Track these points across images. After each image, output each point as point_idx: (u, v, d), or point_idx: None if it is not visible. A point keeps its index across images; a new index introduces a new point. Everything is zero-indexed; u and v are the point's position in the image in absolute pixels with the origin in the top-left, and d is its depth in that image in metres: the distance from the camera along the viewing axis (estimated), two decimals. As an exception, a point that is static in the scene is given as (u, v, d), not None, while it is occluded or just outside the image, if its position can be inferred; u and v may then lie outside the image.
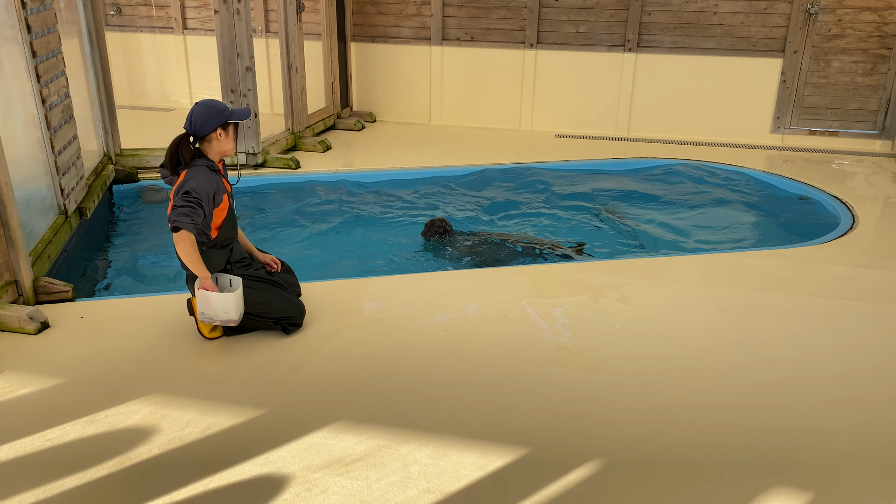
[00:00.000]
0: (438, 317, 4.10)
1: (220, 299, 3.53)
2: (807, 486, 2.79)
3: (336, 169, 7.14)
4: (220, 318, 3.59)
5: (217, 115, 3.54)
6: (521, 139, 8.55)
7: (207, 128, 3.54)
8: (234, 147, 3.68)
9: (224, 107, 3.59)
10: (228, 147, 3.65)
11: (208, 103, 3.57)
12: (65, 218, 5.02)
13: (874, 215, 6.02)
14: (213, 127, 3.55)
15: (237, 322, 3.63)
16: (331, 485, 2.76)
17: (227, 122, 3.59)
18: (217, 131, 3.57)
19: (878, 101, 8.09)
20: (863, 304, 4.37)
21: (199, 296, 3.54)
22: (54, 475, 2.79)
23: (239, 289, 3.59)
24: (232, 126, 3.63)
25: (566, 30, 8.56)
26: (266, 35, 9.18)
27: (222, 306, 3.55)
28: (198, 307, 3.59)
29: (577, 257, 5.26)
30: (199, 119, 3.53)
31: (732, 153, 8.00)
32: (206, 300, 3.54)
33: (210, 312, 3.57)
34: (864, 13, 7.83)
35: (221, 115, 3.55)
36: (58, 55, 5.03)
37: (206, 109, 3.54)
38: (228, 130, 3.61)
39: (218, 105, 3.58)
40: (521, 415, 3.22)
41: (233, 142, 3.66)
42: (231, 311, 3.56)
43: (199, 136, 3.57)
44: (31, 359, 3.61)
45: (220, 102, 3.61)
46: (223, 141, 3.61)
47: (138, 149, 6.75)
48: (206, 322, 3.65)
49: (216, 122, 3.54)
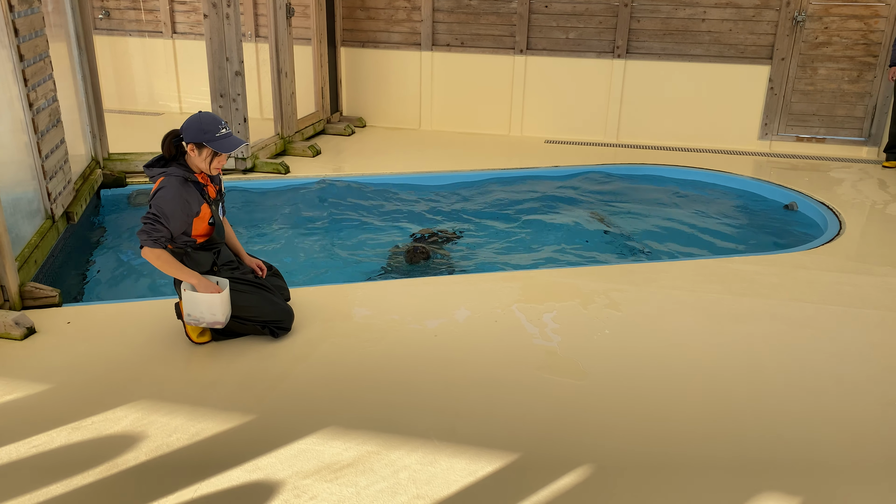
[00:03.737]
0: (428, 322, 4.10)
1: (207, 300, 3.52)
2: (796, 491, 2.81)
3: (325, 174, 7.13)
4: (207, 319, 3.58)
5: (198, 132, 3.50)
6: (511, 145, 8.57)
7: (187, 137, 3.53)
8: (207, 167, 3.61)
9: (213, 128, 3.50)
10: (201, 165, 3.59)
11: (202, 118, 3.52)
12: (52, 222, 4.98)
13: (861, 221, 6.07)
14: (188, 141, 3.53)
15: (223, 324, 3.61)
16: (320, 491, 2.74)
17: (203, 144, 3.53)
18: (190, 145, 3.54)
19: (865, 109, 8.16)
20: (850, 309, 4.40)
21: (186, 297, 3.53)
22: (40, 482, 2.76)
23: (226, 290, 3.57)
24: (207, 150, 3.55)
25: (556, 36, 8.60)
26: (256, 40, 9.17)
27: (209, 308, 3.53)
28: (184, 308, 3.58)
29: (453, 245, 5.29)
30: (187, 125, 3.53)
31: (720, 159, 8.04)
32: (192, 301, 3.53)
33: (196, 314, 3.56)
34: (851, 21, 7.91)
35: (201, 133, 3.50)
36: (45, 59, 5.00)
37: (198, 122, 3.51)
38: (203, 152, 3.55)
39: (210, 125, 3.50)
40: (511, 420, 3.22)
41: (205, 163, 3.58)
42: (217, 312, 3.55)
43: (179, 139, 3.59)
44: (17, 364, 3.58)
45: (216, 122, 3.52)
46: (193, 157, 3.57)
47: (126, 153, 6.71)
48: (192, 324, 3.63)
49: (193, 138, 3.51)
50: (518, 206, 6.69)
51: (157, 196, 3.50)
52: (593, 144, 8.63)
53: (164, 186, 3.52)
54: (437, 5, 8.74)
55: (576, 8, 8.46)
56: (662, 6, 8.25)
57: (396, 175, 7.20)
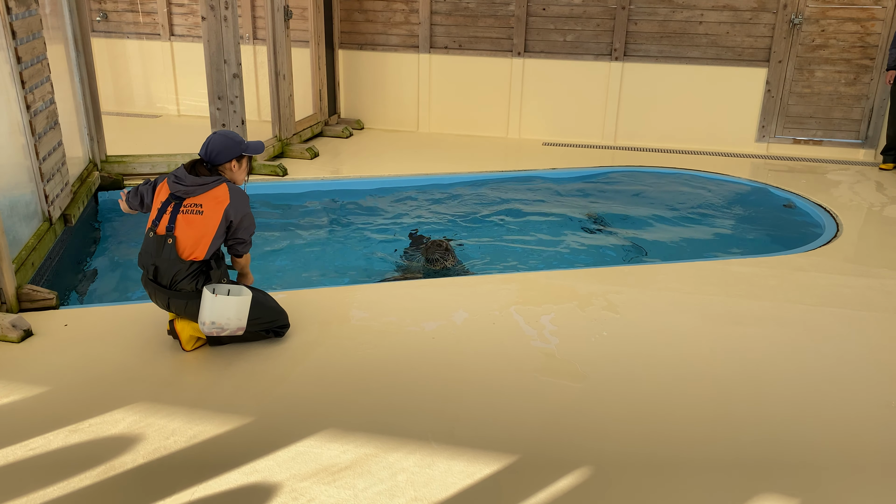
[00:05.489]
0: (426, 325, 4.10)
1: (238, 304, 3.49)
2: (793, 493, 2.81)
3: (323, 176, 7.13)
4: (233, 326, 3.52)
5: (234, 146, 3.63)
6: (509, 147, 8.57)
7: (223, 158, 3.61)
8: (245, 178, 3.78)
9: (241, 139, 3.67)
10: (241, 177, 3.74)
11: (227, 134, 3.65)
12: (49, 225, 4.97)
13: (858, 223, 6.08)
14: (229, 158, 3.62)
15: (244, 330, 3.62)
16: (318, 494, 2.74)
17: (242, 155, 3.67)
18: (232, 162, 3.64)
19: (861, 111, 8.18)
20: (847, 311, 4.40)
21: (217, 302, 3.44)
22: (37, 485, 2.75)
23: (249, 293, 3.57)
24: (246, 158, 3.72)
25: (553, 38, 8.61)
26: (254, 42, 9.17)
27: (238, 312, 3.50)
28: (208, 317, 3.46)
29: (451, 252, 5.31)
30: (217, 149, 3.59)
31: (718, 161, 8.06)
32: (223, 306, 3.46)
33: (223, 320, 3.48)
34: (847, 24, 7.93)
35: (238, 146, 3.64)
36: (43, 61, 4.99)
37: (225, 140, 3.61)
38: (242, 162, 3.70)
39: (235, 137, 3.66)
40: (509, 423, 3.22)
41: (245, 172, 3.75)
42: (244, 317, 3.55)
43: (214, 165, 3.63)
44: (14, 367, 3.57)
45: (237, 135, 3.70)
46: (237, 171, 3.69)
47: (124, 155, 6.70)
48: (214, 333, 3.53)
49: (232, 154, 3.62)
50: (515, 209, 6.69)
51: (242, 203, 3.60)
52: (591, 147, 8.63)
53: (236, 194, 3.58)
54: (434, 8, 8.75)
55: (573, 11, 8.47)
56: (660, 9, 8.26)
57: (394, 177, 7.20)
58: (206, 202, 3.51)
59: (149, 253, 3.57)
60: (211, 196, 3.52)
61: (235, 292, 3.59)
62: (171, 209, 3.52)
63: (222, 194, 3.53)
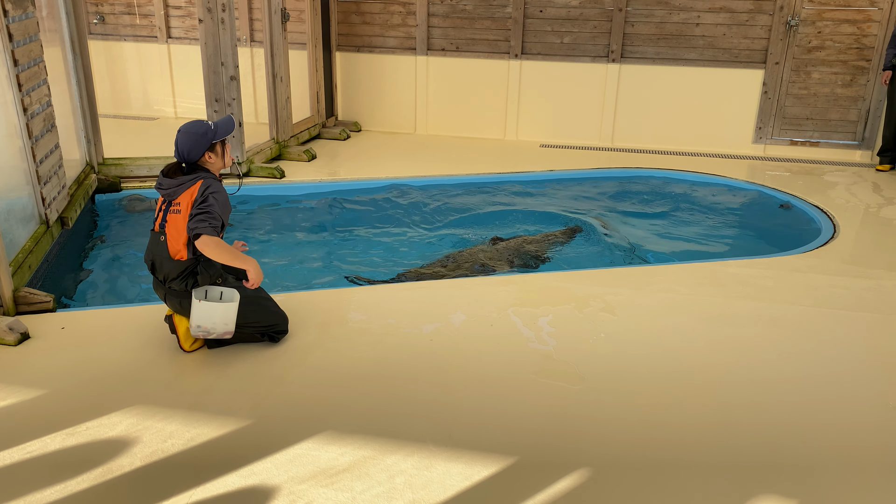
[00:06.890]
0: (424, 327, 4.09)
1: (223, 310, 3.48)
2: (792, 494, 2.81)
3: (321, 178, 7.12)
4: (219, 330, 3.53)
5: (201, 139, 3.54)
6: (506, 149, 8.58)
7: (196, 155, 3.56)
8: (229, 160, 3.72)
9: (206, 128, 3.56)
10: (222, 163, 3.69)
11: (189, 130, 3.54)
12: (46, 227, 4.97)
13: (854, 225, 6.09)
14: (202, 152, 3.57)
15: (233, 334, 3.61)
16: (316, 496, 2.74)
17: (214, 143, 3.59)
18: (207, 155, 3.59)
19: (858, 112, 8.20)
20: (843, 312, 4.41)
21: (201, 308, 3.45)
22: (34, 488, 2.75)
23: (237, 299, 3.56)
24: (219, 144, 3.64)
25: (550, 40, 8.62)
26: (251, 44, 9.16)
27: (223, 317, 3.50)
28: (195, 320, 3.50)
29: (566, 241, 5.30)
30: (186, 148, 3.54)
31: (715, 163, 8.07)
32: (208, 312, 3.46)
33: (208, 325, 3.50)
34: (844, 25, 7.95)
35: (205, 138, 3.55)
36: (40, 64, 4.99)
37: (189, 137, 3.53)
38: (216, 150, 3.63)
39: (199, 129, 3.55)
40: (507, 425, 3.22)
41: (224, 157, 3.69)
42: (230, 322, 3.53)
43: (191, 163, 3.59)
44: (11, 370, 3.56)
45: (202, 124, 3.57)
46: (215, 161, 3.64)
47: (121, 158, 6.70)
48: (200, 336, 3.56)
49: (203, 148, 3.56)
50: (513, 210, 6.69)
51: (209, 189, 3.50)
52: (588, 148, 8.64)
53: (210, 184, 3.53)
54: (432, 10, 8.76)
55: (570, 13, 8.49)
56: (657, 11, 8.28)
57: (392, 179, 7.20)
58: (183, 200, 3.53)
59: (149, 248, 3.67)
60: (188, 194, 3.52)
61: (227, 296, 3.59)
62: (164, 207, 3.60)
63: (196, 191, 3.54)
